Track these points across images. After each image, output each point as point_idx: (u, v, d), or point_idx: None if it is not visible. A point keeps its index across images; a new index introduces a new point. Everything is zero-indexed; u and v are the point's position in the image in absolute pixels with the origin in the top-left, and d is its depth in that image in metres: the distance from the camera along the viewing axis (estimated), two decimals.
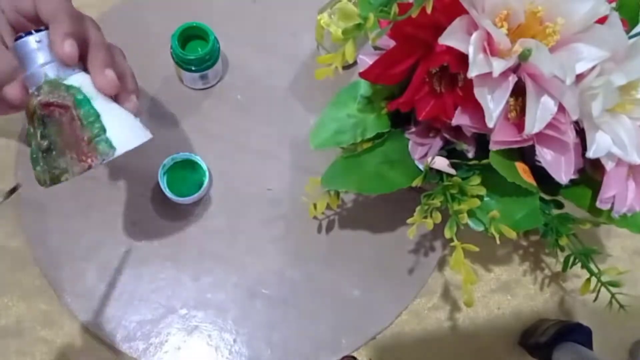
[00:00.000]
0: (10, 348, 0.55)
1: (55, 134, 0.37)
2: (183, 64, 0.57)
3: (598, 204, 0.43)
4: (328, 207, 0.52)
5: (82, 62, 0.39)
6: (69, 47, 0.36)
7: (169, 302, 0.57)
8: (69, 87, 0.37)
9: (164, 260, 0.58)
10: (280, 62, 0.64)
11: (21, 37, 0.36)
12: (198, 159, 0.57)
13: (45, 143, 0.37)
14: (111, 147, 0.37)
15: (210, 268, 0.58)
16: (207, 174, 0.57)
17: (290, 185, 0.60)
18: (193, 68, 0.57)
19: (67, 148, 0.37)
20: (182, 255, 0.58)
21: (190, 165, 0.58)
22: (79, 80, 0.38)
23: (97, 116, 0.37)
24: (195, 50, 0.59)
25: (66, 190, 0.58)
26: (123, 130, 0.38)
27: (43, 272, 0.56)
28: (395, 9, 0.36)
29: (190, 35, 0.59)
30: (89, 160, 0.37)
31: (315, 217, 0.59)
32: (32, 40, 0.36)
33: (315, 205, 0.53)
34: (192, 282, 0.58)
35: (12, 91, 0.38)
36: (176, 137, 0.61)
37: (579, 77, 0.38)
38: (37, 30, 0.37)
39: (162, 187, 0.56)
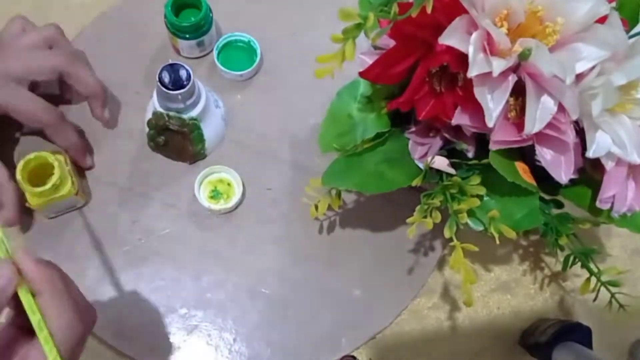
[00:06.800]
0: None
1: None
2: (179, 32, 0.58)
3: (598, 204, 0.43)
4: (329, 207, 0.52)
5: None
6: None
7: (169, 302, 0.57)
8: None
9: (164, 260, 0.58)
10: (280, 62, 0.64)
11: None
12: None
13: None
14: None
15: (210, 268, 0.58)
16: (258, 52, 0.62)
17: (290, 185, 0.60)
18: (188, 36, 0.59)
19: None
20: (182, 255, 0.58)
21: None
22: None
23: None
24: (189, 19, 0.59)
25: None
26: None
27: None
28: (395, 8, 0.36)
29: (182, 5, 0.60)
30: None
31: (316, 218, 0.59)
32: None
33: (316, 207, 0.52)
34: (192, 281, 0.58)
35: None
36: None
37: (579, 77, 0.38)
38: None
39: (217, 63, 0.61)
